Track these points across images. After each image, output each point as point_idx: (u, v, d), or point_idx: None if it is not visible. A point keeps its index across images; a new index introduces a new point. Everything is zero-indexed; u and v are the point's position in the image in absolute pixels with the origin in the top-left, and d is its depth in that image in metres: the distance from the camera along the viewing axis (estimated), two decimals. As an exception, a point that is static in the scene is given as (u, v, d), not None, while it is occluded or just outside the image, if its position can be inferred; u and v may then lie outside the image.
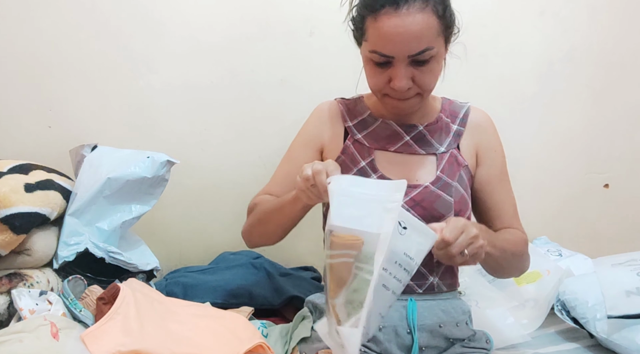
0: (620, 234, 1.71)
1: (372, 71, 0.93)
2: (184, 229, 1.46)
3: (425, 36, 0.86)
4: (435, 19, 0.87)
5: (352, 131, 1.04)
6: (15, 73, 1.29)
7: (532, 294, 1.29)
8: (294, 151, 1.09)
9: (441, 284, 1.00)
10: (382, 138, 1.02)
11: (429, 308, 0.97)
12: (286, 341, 1.04)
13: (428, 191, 0.97)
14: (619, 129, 1.65)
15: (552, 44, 1.56)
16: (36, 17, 1.27)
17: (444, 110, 1.07)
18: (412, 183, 0.98)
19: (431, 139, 1.02)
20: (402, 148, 1.02)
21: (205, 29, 1.36)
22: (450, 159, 1.02)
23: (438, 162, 1.01)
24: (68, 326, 0.88)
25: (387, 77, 0.91)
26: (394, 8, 0.85)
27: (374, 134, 1.03)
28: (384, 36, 0.86)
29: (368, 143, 1.02)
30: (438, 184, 0.98)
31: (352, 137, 1.03)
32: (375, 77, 0.93)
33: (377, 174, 0.98)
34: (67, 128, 1.33)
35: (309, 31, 1.39)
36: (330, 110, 1.08)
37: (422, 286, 0.98)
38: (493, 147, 1.06)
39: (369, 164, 1.00)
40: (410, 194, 0.97)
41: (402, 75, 0.89)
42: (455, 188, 0.99)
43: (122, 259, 1.11)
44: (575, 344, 1.18)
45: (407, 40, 0.85)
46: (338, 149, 1.04)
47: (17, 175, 1.07)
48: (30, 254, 1.02)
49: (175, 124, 1.39)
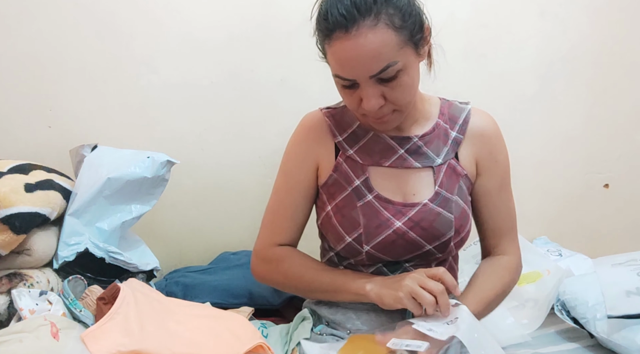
0: (620, 234, 1.71)
1: (343, 93, 0.88)
2: (184, 229, 1.46)
3: (383, 54, 0.79)
4: (392, 33, 0.79)
5: (343, 147, 0.98)
6: (15, 73, 1.29)
7: (532, 294, 1.29)
8: (289, 177, 1.02)
9: None
10: (375, 153, 0.96)
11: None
12: (286, 341, 1.04)
13: (427, 209, 0.93)
14: (619, 129, 1.65)
15: (552, 44, 1.56)
16: (36, 17, 1.27)
17: (442, 114, 1.00)
18: (409, 201, 0.94)
19: (427, 151, 0.97)
20: (396, 162, 0.96)
21: (205, 28, 1.36)
22: (448, 170, 0.96)
23: (435, 175, 0.96)
24: (68, 326, 0.88)
25: (357, 98, 0.86)
26: (343, 31, 0.79)
27: (366, 149, 0.97)
28: (340, 61, 0.82)
29: (361, 159, 0.96)
30: (437, 200, 0.94)
31: (344, 153, 0.97)
32: (347, 99, 0.88)
33: (372, 194, 0.94)
34: (67, 128, 1.33)
35: (309, 31, 1.38)
36: (316, 125, 1.01)
37: None
38: (494, 157, 1.00)
39: (364, 183, 0.95)
40: (408, 214, 0.92)
41: (371, 96, 0.83)
42: (455, 203, 0.95)
43: (122, 259, 1.11)
44: (575, 344, 1.18)
45: (363, 62, 0.80)
46: (330, 167, 0.98)
47: (17, 175, 1.07)
48: (30, 254, 1.02)
49: (175, 124, 1.39)
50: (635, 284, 1.15)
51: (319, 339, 0.96)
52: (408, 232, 0.92)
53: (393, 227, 0.92)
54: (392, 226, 0.92)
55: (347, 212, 0.94)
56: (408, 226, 0.92)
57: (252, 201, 1.45)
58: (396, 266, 0.96)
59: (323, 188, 0.99)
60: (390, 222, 0.92)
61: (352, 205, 0.94)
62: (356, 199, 0.94)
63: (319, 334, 0.98)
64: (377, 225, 0.92)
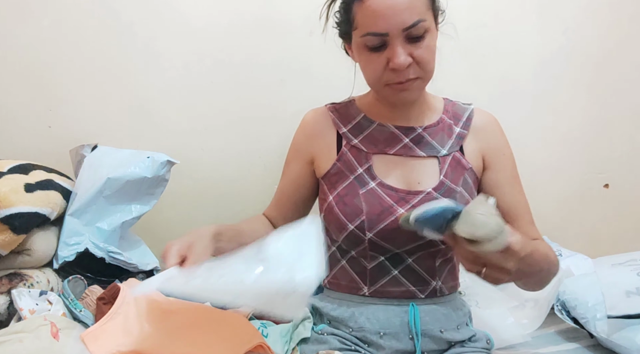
0: (620, 234, 1.71)
1: (368, 59, 0.89)
2: (184, 229, 1.45)
3: (416, 7, 0.84)
4: None
5: (348, 137, 1.00)
6: (15, 73, 1.29)
7: (532, 294, 1.28)
8: (287, 165, 1.08)
9: (443, 288, 0.98)
10: (380, 142, 0.98)
11: (430, 313, 0.95)
12: (286, 341, 1.04)
13: (430, 197, 0.92)
14: (619, 129, 1.65)
15: (552, 44, 1.56)
16: (36, 16, 1.27)
17: (447, 111, 1.02)
18: (413, 189, 0.94)
19: (432, 141, 0.98)
20: (401, 151, 0.97)
21: (206, 28, 1.36)
22: (453, 162, 0.97)
23: (440, 165, 0.96)
24: (68, 326, 0.88)
25: (384, 60, 0.87)
26: None
27: (371, 138, 0.99)
28: (374, 14, 0.84)
29: (366, 148, 0.98)
30: (441, 189, 0.94)
31: (349, 143, 0.99)
32: (372, 64, 0.89)
33: (375, 182, 0.94)
34: (67, 128, 1.33)
35: (309, 31, 1.38)
36: (318, 119, 1.05)
37: (424, 291, 0.96)
38: (502, 150, 1.01)
39: (367, 171, 0.96)
40: (411, 201, 0.92)
41: (400, 52, 0.85)
42: (459, 194, 0.94)
43: (122, 259, 1.11)
44: (575, 344, 1.18)
45: (399, 12, 0.83)
46: (331, 158, 1.00)
47: (17, 175, 1.07)
48: (30, 254, 1.02)
49: (175, 124, 1.39)
50: (635, 284, 1.15)
51: (320, 339, 0.96)
52: None
53: (396, 213, 0.91)
54: (395, 213, 0.91)
55: (349, 200, 0.94)
56: None
57: (252, 201, 1.44)
58: (399, 259, 0.95)
59: (324, 179, 1.01)
60: (393, 209, 0.92)
61: (355, 192, 0.94)
62: (359, 186, 0.95)
63: (320, 333, 0.97)
64: (379, 212, 0.92)
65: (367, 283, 0.97)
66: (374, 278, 0.96)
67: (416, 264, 0.95)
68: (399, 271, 0.95)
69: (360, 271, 0.97)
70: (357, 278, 0.98)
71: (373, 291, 0.96)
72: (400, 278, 0.95)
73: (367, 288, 0.97)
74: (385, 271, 0.96)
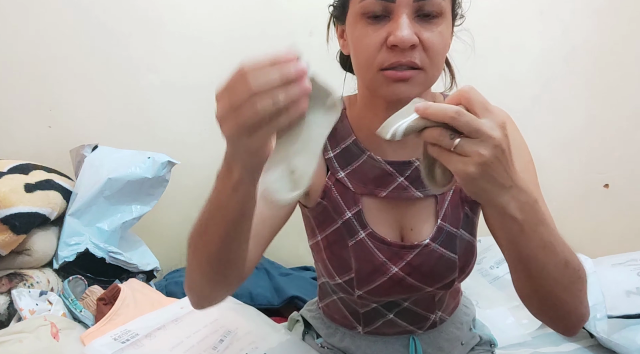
0: (620, 234, 1.71)
1: (363, 33, 0.68)
2: (184, 229, 1.43)
3: None
4: None
5: (334, 166, 0.80)
6: (16, 73, 1.29)
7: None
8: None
9: (444, 316, 0.89)
10: (370, 180, 0.79)
11: (432, 343, 0.87)
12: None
13: (428, 250, 0.78)
14: (619, 129, 1.65)
15: (553, 45, 1.56)
16: (36, 17, 1.27)
17: None
18: (407, 240, 0.79)
19: None
20: (394, 193, 0.79)
21: (205, 29, 1.36)
22: (454, 197, 0.80)
23: (439, 205, 0.79)
24: (68, 327, 0.88)
25: (383, 34, 0.67)
26: None
27: (359, 173, 0.79)
28: None
29: (353, 187, 0.79)
30: (439, 239, 0.78)
31: (333, 174, 0.79)
32: (366, 39, 0.68)
33: (365, 231, 0.78)
34: (67, 128, 1.33)
35: (309, 31, 1.38)
36: None
37: (423, 327, 0.87)
38: (517, 144, 0.78)
39: (356, 216, 0.79)
40: (405, 258, 0.77)
41: (406, 26, 0.65)
42: (460, 238, 0.79)
43: (123, 260, 1.11)
44: (575, 344, 1.18)
45: None
46: (319, 188, 0.80)
47: (17, 175, 1.07)
48: (30, 254, 1.02)
49: (175, 124, 1.39)
50: (635, 284, 1.15)
51: (322, 352, 0.92)
52: (406, 278, 0.78)
53: (389, 273, 0.78)
54: (388, 273, 0.78)
55: (337, 250, 0.80)
56: (406, 271, 0.78)
57: (252, 201, 1.45)
58: (394, 304, 0.85)
59: (311, 212, 0.83)
60: (385, 267, 0.78)
61: (343, 243, 0.80)
62: (347, 236, 0.79)
63: (321, 346, 0.93)
64: (370, 271, 0.79)
65: (361, 324, 0.87)
66: (368, 320, 0.87)
67: (413, 305, 0.85)
68: (395, 314, 0.86)
69: (353, 312, 0.88)
70: (350, 317, 0.88)
71: (368, 331, 0.87)
72: (397, 320, 0.86)
73: (361, 327, 0.88)
74: (379, 314, 0.86)
